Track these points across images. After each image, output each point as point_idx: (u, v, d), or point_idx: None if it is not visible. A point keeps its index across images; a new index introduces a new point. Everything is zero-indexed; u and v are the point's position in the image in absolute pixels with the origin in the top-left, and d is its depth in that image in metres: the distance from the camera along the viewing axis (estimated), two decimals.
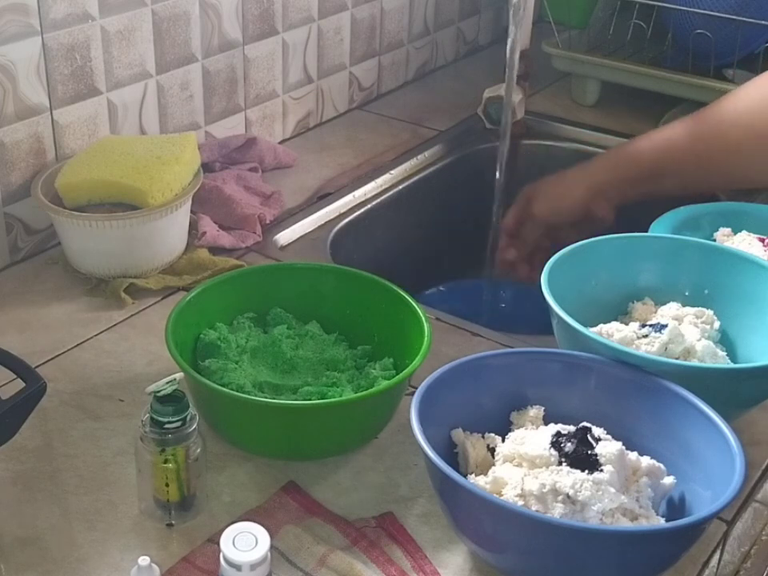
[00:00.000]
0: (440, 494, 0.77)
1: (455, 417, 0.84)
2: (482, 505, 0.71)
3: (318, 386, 0.92)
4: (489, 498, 0.71)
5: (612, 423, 0.82)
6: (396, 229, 1.47)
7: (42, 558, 0.79)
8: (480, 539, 0.75)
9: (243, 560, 0.71)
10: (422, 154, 1.53)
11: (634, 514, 0.75)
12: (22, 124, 1.15)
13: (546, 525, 0.69)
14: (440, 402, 0.81)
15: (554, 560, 0.72)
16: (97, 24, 1.19)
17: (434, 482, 0.77)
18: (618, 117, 1.64)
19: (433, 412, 0.80)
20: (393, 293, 0.98)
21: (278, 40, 1.47)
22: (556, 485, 0.73)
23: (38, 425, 0.92)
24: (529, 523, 0.70)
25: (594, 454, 0.75)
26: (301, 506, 0.84)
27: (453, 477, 0.71)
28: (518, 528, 0.71)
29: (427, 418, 0.78)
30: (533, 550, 0.72)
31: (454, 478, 0.71)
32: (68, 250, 1.16)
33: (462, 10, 1.86)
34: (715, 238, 1.16)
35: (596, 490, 0.73)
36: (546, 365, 0.88)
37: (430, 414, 0.79)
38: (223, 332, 0.97)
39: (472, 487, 0.72)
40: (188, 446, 0.81)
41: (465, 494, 0.72)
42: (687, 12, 1.53)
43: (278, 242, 1.27)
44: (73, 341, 1.06)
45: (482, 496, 0.71)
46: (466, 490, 0.71)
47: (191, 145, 1.19)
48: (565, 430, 0.79)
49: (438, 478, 0.74)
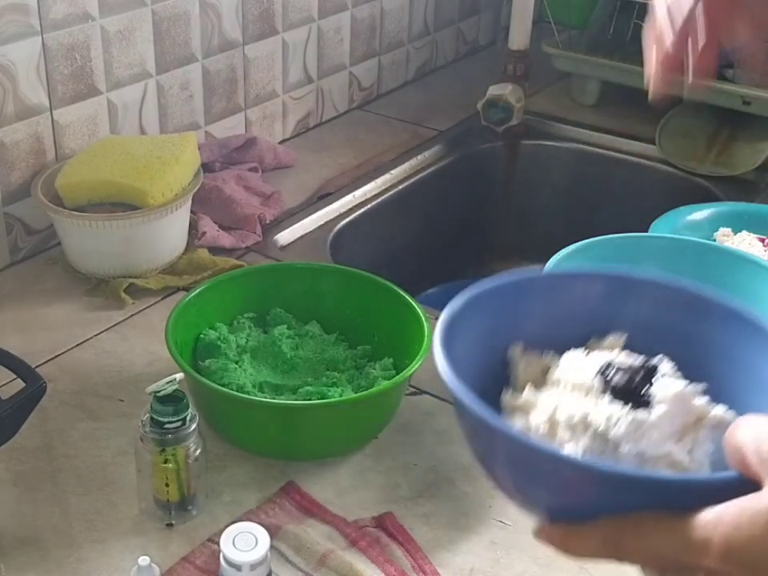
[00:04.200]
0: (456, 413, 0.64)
1: (522, 332, 0.70)
2: (476, 423, 0.59)
3: (317, 386, 0.92)
4: (480, 415, 0.58)
5: (699, 364, 0.68)
6: (396, 229, 1.47)
7: (42, 558, 0.79)
8: (482, 461, 0.62)
9: (243, 560, 0.71)
10: (422, 154, 1.53)
11: (683, 467, 0.62)
12: (22, 124, 1.15)
13: (538, 453, 0.56)
14: (507, 312, 0.69)
15: (550, 494, 0.59)
16: (97, 24, 1.19)
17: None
18: (618, 117, 1.64)
19: (496, 324, 0.68)
20: (393, 293, 0.98)
21: (277, 40, 1.47)
22: (588, 417, 0.62)
23: (38, 425, 0.92)
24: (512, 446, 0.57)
25: (645, 391, 0.63)
26: (301, 506, 0.84)
27: (458, 391, 0.59)
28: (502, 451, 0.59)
29: (480, 330, 0.66)
30: (521, 476, 0.60)
31: (458, 393, 0.59)
32: (68, 250, 1.16)
33: (461, 9, 1.86)
34: (715, 238, 1.16)
35: (633, 430, 0.61)
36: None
37: (490, 326, 0.67)
38: (223, 332, 0.97)
39: (467, 399, 0.59)
40: (188, 446, 0.81)
41: (464, 410, 0.60)
42: None
43: (278, 242, 1.27)
44: (73, 341, 1.06)
45: (476, 414, 0.58)
46: (464, 405, 0.59)
47: (191, 145, 1.19)
48: (625, 363, 0.65)
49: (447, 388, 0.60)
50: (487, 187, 1.63)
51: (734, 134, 1.52)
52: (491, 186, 1.63)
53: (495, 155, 1.61)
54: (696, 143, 1.52)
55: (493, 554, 0.81)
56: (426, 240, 1.55)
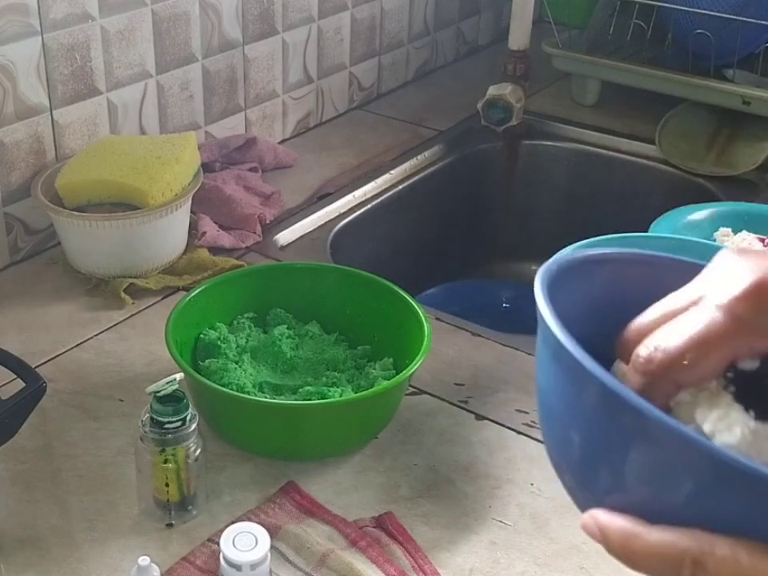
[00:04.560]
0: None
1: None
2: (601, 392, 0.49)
3: (317, 386, 0.92)
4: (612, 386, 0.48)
5: None
6: (396, 229, 1.47)
7: (42, 558, 0.79)
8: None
9: (243, 560, 0.71)
10: (422, 153, 1.53)
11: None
12: (21, 124, 1.15)
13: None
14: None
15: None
16: (97, 24, 1.19)
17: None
18: (618, 117, 1.64)
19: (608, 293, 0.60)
20: (393, 293, 0.98)
21: (277, 40, 1.47)
22: (695, 411, 0.51)
23: (38, 425, 0.92)
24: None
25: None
26: (301, 506, 0.84)
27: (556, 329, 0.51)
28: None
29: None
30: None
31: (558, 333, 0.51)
32: (68, 250, 1.16)
33: (461, 9, 1.86)
34: (715, 238, 1.16)
35: (749, 441, 0.50)
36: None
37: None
38: (223, 332, 0.97)
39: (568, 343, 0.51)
40: (188, 446, 0.81)
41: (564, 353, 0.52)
42: (687, 12, 1.53)
43: (278, 242, 1.27)
44: (73, 341, 1.06)
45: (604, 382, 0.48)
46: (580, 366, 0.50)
47: (191, 145, 1.19)
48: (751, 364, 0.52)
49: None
50: (487, 187, 1.63)
51: (734, 133, 1.52)
52: (491, 186, 1.63)
53: (495, 155, 1.61)
54: (696, 143, 1.52)
55: (493, 554, 0.81)
56: (426, 240, 1.55)
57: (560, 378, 0.56)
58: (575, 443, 0.52)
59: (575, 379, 0.53)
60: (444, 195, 1.55)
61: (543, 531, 0.83)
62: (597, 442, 0.51)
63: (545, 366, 0.59)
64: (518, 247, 1.66)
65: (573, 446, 0.52)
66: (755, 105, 1.48)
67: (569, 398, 0.54)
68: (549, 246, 1.05)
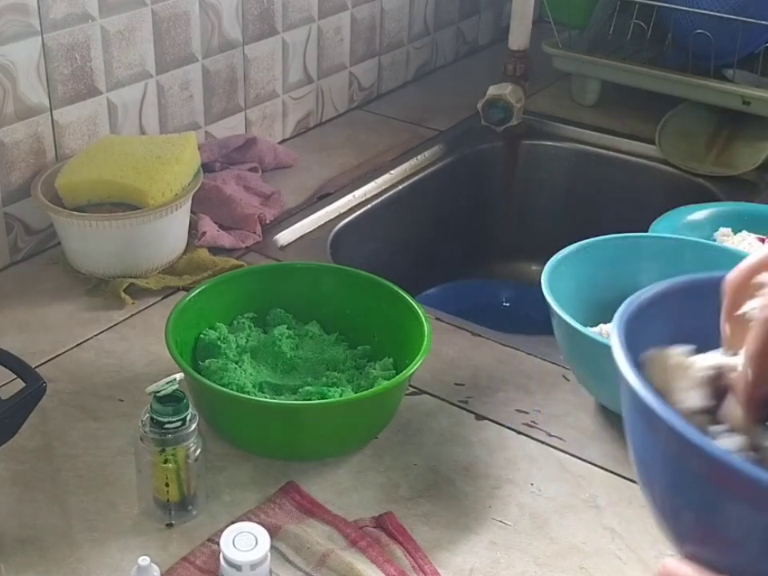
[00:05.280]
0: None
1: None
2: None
3: (317, 386, 0.92)
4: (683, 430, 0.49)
5: None
6: (396, 229, 1.47)
7: (42, 558, 0.79)
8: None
9: (243, 560, 0.71)
10: (422, 153, 1.53)
11: None
12: (21, 124, 1.15)
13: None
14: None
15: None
16: (97, 24, 1.19)
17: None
18: (618, 117, 1.64)
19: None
20: (393, 293, 0.98)
21: (277, 40, 1.47)
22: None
23: (38, 425, 0.92)
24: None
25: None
26: (301, 506, 0.84)
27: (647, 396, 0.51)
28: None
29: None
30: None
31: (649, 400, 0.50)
32: (68, 250, 1.16)
33: (461, 9, 1.86)
34: (715, 238, 1.16)
35: None
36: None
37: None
38: (223, 332, 0.97)
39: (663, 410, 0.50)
40: (188, 446, 0.81)
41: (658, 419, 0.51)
42: (687, 12, 1.53)
43: (278, 242, 1.27)
44: (73, 341, 1.06)
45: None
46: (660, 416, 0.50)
47: (191, 145, 1.19)
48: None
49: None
50: (487, 187, 1.63)
51: (734, 133, 1.52)
52: (491, 186, 1.63)
53: (495, 155, 1.61)
54: (696, 143, 1.52)
55: (493, 554, 0.81)
56: (426, 240, 1.55)
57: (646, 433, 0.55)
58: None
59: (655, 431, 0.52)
60: (444, 195, 1.55)
61: (543, 531, 0.83)
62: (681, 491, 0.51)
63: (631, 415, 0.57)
64: (518, 247, 1.66)
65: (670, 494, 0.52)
66: (755, 105, 1.48)
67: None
68: (549, 246, 1.06)
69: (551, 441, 0.94)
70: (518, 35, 1.54)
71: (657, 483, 0.54)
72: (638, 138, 1.57)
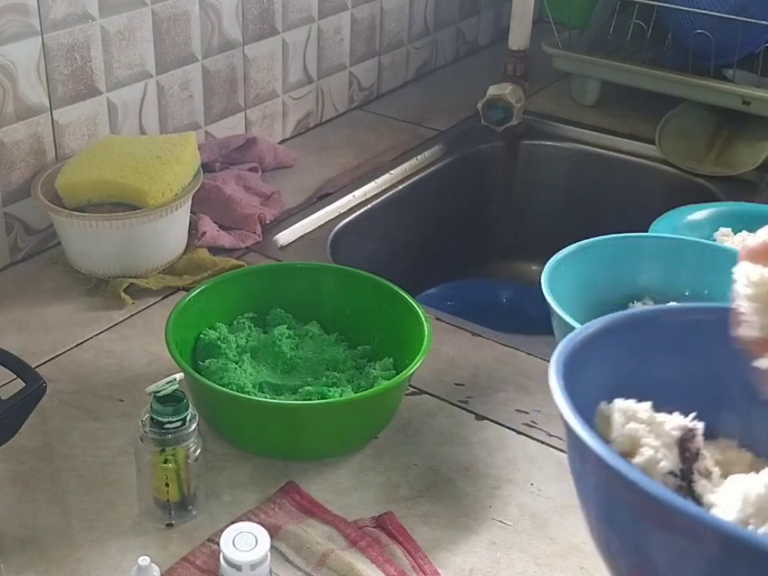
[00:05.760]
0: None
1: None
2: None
3: (318, 386, 0.92)
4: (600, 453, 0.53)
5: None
6: (396, 229, 1.47)
7: (42, 558, 0.79)
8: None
9: (243, 560, 0.71)
10: (422, 153, 1.53)
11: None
12: (21, 124, 1.15)
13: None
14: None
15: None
16: (97, 24, 1.19)
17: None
18: (618, 117, 1.64)
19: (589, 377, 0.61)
20: (393, 293, 0.98)
21: (277, 40, 1.47)
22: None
23: (38, 425, 0.92)
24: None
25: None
26: (301, 506, 0.84)
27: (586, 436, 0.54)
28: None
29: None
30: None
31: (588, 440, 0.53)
32: (68, 250, 1.16)
33: (461, 9, 1.86)
34: (715, 238, 1.16)
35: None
36: None
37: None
38: (223, 332, 0.97)
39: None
40: (188, 446, 0.81)
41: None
42: (687, 12, 1.53)
43: (278, 242, 1.27)
44: (73, 341, 1.06)
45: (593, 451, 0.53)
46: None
47: (191, 145, 1.19)
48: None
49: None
50: (487, 187, 1.63)
51: (734, 133, 1.52)
52: (491, 186, 1.63)
53: (495, 155, 1.61)
54: (696, 143, 1.52)
55: (493, 554, 0.81)
56: (426, 240, 1.55)
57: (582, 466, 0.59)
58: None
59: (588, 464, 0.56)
60: (444, 195, 1.55)
61: (543, 531, 0.83)
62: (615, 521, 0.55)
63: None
64: (518, 247, 1.66)
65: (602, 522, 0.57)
66: (755, 105, 1.48)
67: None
68: (549, 246, 1.06)
69: (551, 441, 0.94)
70: (518, 35, 1.54)
71: (592, 513, 0.58)
72: (638, 138, 1.57)
